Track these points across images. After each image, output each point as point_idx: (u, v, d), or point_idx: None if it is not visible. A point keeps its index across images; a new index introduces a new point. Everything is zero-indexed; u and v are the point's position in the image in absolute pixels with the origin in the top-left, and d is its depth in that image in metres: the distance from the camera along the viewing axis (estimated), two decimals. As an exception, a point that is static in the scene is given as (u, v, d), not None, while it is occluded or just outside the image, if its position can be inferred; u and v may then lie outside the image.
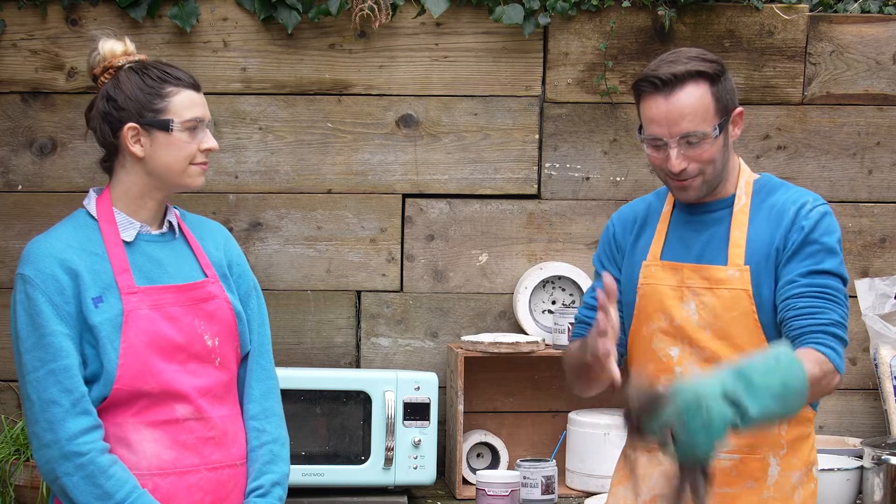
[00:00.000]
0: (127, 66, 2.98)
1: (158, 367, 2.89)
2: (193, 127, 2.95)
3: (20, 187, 4.64)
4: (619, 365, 3.06)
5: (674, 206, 3.11)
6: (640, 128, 2.99)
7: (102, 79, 2.99)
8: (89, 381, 2.88)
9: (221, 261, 3.07)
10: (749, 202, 3.03)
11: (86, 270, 2.89)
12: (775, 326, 2.97)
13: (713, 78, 2.95)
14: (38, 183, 4.64)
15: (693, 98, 2.92)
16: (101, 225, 2.96)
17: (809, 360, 2.77)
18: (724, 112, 2.96)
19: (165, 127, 2.93)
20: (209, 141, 2.97)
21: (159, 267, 2.96)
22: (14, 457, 4.20)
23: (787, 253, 2.95)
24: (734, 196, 3.04)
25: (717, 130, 2.94)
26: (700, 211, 3.06)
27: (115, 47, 2.99)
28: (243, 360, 3.07)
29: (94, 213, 3.00)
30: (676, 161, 2.93)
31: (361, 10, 4.56)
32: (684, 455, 2.57)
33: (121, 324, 2.87)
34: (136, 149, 2.96)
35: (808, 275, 2.91)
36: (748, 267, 2.97)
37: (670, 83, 2.92)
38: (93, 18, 4.62)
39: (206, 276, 3.01)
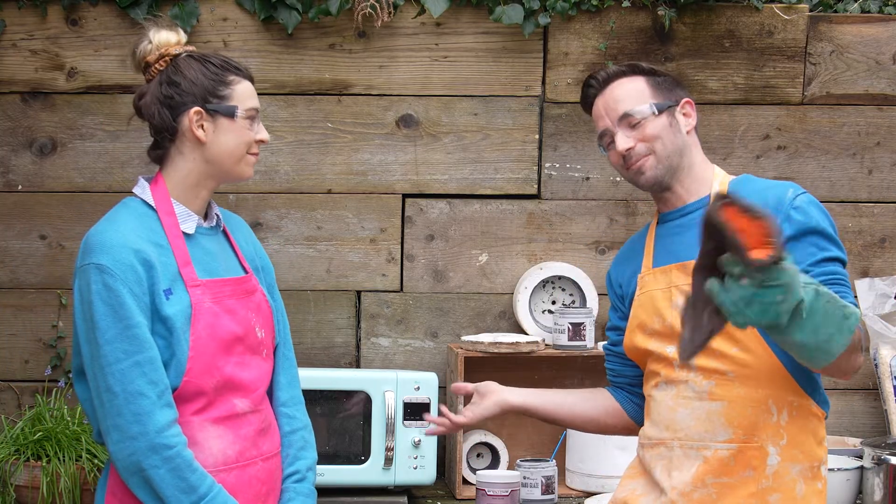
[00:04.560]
0: (185, 54, 3.00)
1: (221, 360, 2.91)
2: (252, 117, 3.01)
3: (20, 187, 4.64)
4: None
5: (657, 223, 3.17)
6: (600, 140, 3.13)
7: (157, 66, 3.00)
8: None
9: (252, 255, 3.12)
10: None
11: (157, 262, 2.89)
12: None
13: (647, 73, 3.09)
14: (38, 183, 4.64)
15: (625, 87, 3.07)
16: (161, 216, 2.96)
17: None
18: (662, 97, 3.07)
19: (231, 113, 2.97)
20: (263, 132, 3.03)
21: (214, 260, 2.99)
22: (14, 457, 4.20)
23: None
24: (709, 196, 3.08)
25: (655, 108, 3.05)
26: (677, 215, 3.11)
27: (169, 37, 3.03)
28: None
29: (150, 201, 2.98)
30: (622, 141, 3.04)
31: (363, 8, 4.56)
32: (732, 305, 2.51)
33: (190, 315, 2.88)
34: (200, 133, 2.97)
35: (818, 263, 2.94)
36: None
37: (603, 81, 3.09)
38: (93, 18, 4.62)
39: (245, 269, 3.05)
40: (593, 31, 4.72)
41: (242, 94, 2.99)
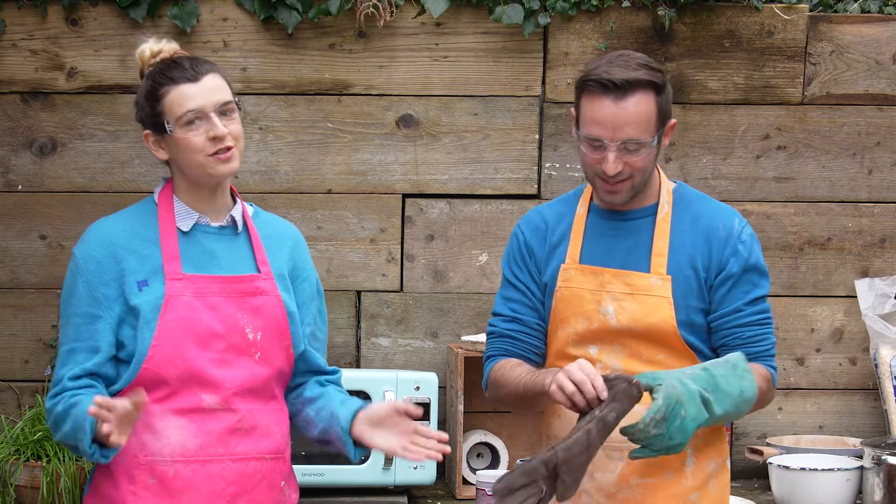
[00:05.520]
0: (148, 69, 2.98)
1: (192, 353, 2.91)
2: (190, 120, 2.90)
3: (20, 187, 4.64)
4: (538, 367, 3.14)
5: (589, 210, 3.11)
6: (577, 123, 2.99)
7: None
8: (124, 362, 2.91)
9: (282, 263, 3.07)
10: (671, 211, 3.06)
11: (133, 255, 2.93)
12: (692, 330, 3.02)
13: (659, 88, 2.97)
14: (38, 183, 4.64)
15: (641, 106, 2.94)
16: (160, 212, 2.98)
17: (759, 374, 3.00)
18: (662, 123, 2.99)
19: (163, 129, 2.93)
20: (215, 128, 2.90)
21: (211, 258, 2.98)
22: (14, 457, 4.21)
23: (726, 277, 3.02)
24: (657, 204, 3.07)
25: (655, 140, 2.97)
26: (622, 218, 3.07)
27: (144, 51, 3.00)
28: (297, 359, 3.09)
29: (157, 200, 3.02)
30: (613, 165, 2.94)
31: (366, 7, 4.56)
32: (656, 445, 2.82)
33: (161, 307, 2.90)
34: (160, 153, 2.98)
35: (752, 303, 3.03)
36: (670, 276, 3.01)
37: (622, 88, 2.93)
38: (93, 18, 4.62)
39: (259, 272, 3.02)
40: (593, 31, 4.72)
41: (171, 103, 2.91)
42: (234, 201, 3.07)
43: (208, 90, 2.92)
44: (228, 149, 2.93)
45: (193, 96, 2.90)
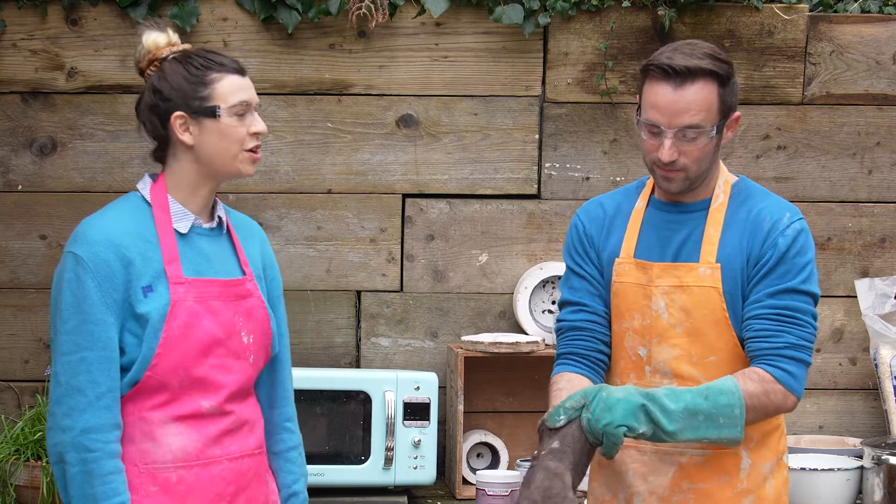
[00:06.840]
0: (171, 56, 2.97)
1: (194, 359, 2.91)
2: (241, 112, 2.94)
3: (20, 187, 4.64)
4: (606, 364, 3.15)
5: (648, 203, 3.10)
6: (639, 109, 2.99)
7: (148, 72, 2.99)
8: (125, 369, 2.88)
9: (258, 262, 3.08)
10: (726, 201, 3.04)
11: (139, 258, 2.89)
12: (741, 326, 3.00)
13: (723, 80, 2.96)
14: (38, 183, 4.64)
15: (700, 95, 2.93)
16: (155, 212, 2.95)
17: (747, 377, 2.91)
18: (724, 114, 2.97)
19: (213, 113, 2.92)
20: (258, 124, 2.95)
21: (207, 261, 2.97)
22: (14, 457, 4.21)
23: (759, 269, 2.97)
24: (710, 199, 3.05)
25: (715, 131, 2.95)
26: (678, 210, 3.06)
27: (158, 39, 2.99)
28: (271, 360, 3.10)
29: (148, 198, 2.98)
30: (668, 152, 2.93)
31: (359, 9, 4.56)
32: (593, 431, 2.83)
33: (167, 313, 2.88)
34: (186, 137, 2.95)
35: (773, 295, 2.95)
36: (719, 265, 2.98)
37: (683, 75, 2.92)
38: (93, 18, 4.62)
39: (244, 273, 3.03)
40: (593, 31, 4.72)
41: (225, 90, 2.93)
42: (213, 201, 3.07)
43: (251, 88, 2.99)
44: (258, 148, 2.98)
45: (245, 88, 2.96)
